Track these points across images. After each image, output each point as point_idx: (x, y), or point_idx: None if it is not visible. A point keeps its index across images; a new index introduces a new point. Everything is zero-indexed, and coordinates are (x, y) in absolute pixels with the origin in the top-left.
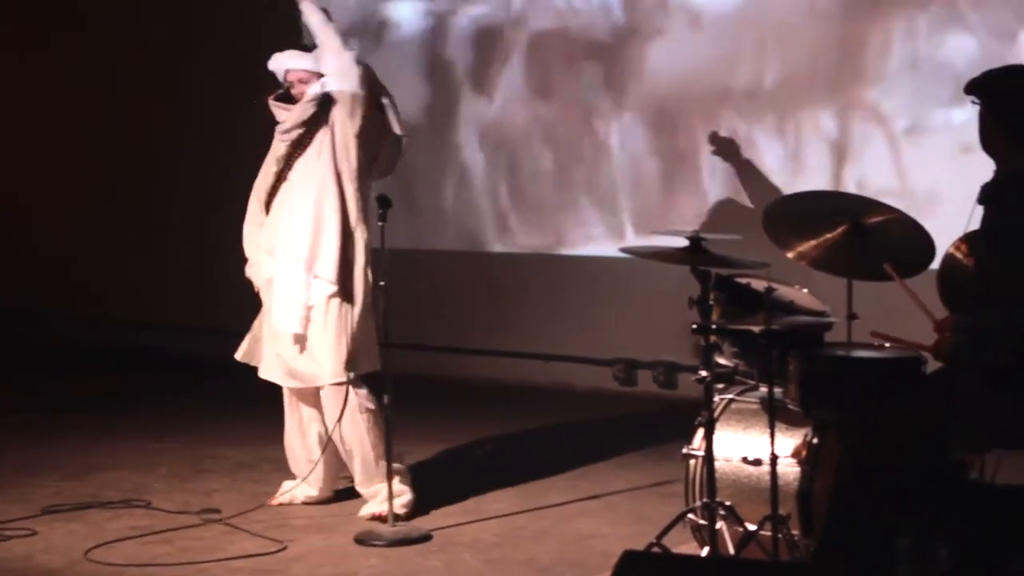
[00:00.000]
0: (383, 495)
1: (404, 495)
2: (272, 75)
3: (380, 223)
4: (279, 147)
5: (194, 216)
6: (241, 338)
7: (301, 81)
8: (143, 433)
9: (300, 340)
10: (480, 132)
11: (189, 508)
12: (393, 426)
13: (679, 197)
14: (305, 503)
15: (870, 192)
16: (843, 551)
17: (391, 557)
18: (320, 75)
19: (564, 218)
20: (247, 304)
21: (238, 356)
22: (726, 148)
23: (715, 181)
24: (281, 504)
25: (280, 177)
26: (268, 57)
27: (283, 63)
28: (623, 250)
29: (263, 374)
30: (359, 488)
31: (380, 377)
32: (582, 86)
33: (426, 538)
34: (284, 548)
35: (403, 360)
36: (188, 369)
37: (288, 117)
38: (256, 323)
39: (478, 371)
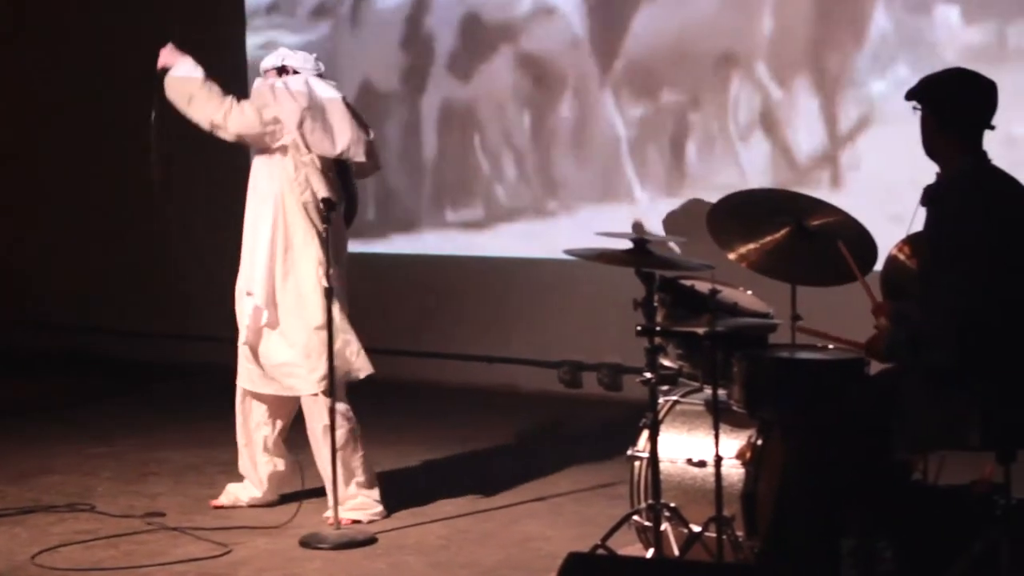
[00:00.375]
0: (354, 502)
1: (376, 507)
2: None
3: (324, 225)
4: None
5: (140, 219)
6: (187, 341)
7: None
8: (87, 437)
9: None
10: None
11: (134, 512)
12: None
13: (625, 198)
14: (250, 505)
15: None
16: (787, 552)
17: (336, 560)
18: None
19: (510, 220)
20: (193, 308)
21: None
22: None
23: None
24: (224, 506)
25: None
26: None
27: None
28: (568, 252)
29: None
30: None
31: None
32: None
33: (371, 541)
34: (229, 551)
35: None
36: (132, 372)
37: None
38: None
39: (423, 373)
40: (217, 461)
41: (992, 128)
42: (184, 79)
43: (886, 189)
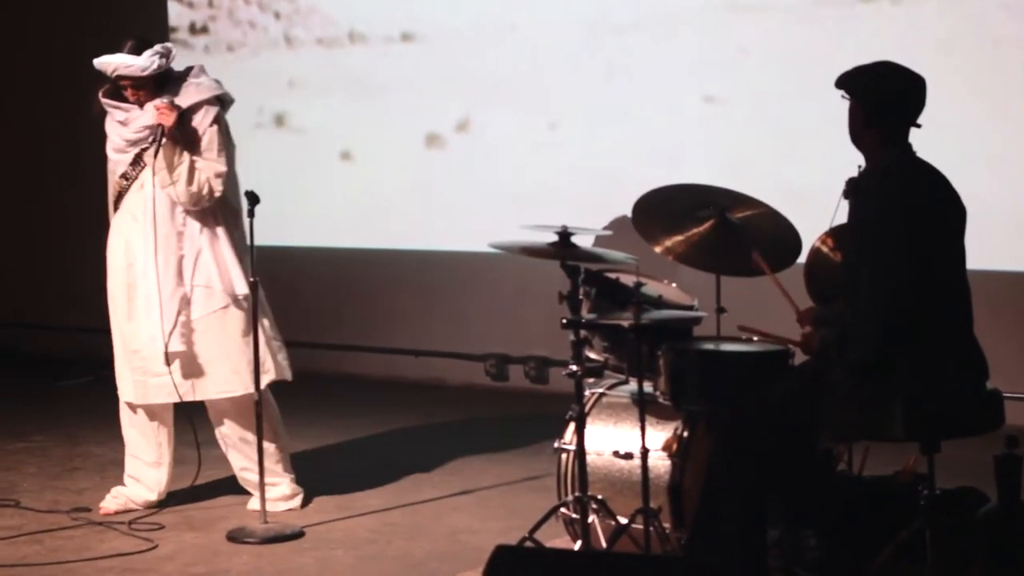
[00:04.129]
0: (277, 493)
1: (299, 495)
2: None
3: (248, 218)
4: (127, 152)
5: (56, 212)
6: (102, 334)
7: (134, 86)
8: (9, 432)
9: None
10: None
11: (59, 507)
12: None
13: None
14: (145, 506)
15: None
16: (714, 543)
17: (263, 554)
18: (155, 76)
19: (431, 212)
20: (106, 301)
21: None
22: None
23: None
24: (118, 511)
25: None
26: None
27: (113, 68)
28: (492, 245)
29: (152, 399)
30: (254, 488)
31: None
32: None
33: (299, 535)
34: (155, 547)
35: None
36: (53, 367)
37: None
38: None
39: (348, 367)
40: None
41: (918, 126)
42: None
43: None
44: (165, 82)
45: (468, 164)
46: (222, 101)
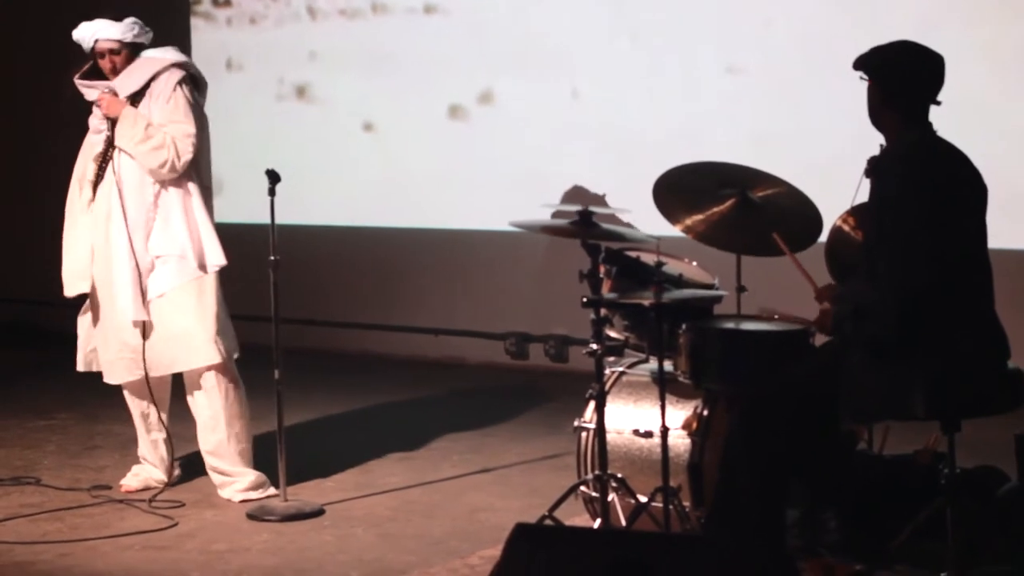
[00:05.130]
0: (239, 481)
1: (267, 486)
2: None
3: (270, 197)
4: (100, 131)
5: None
6: None
7: (112, 52)
8: (31, 410)
9: (158, 327)
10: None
11: (79, 485)
12: (284, 402)
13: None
14: (160, 484)
15: None
16: (733, 522)
17: (284, 532)
18: (131, 44)
19: (453, 191)
20: None
21: (81, 368)
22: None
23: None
24: (138, 490)
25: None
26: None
27: (93, 31)
28: (513, 224)
29: (126, 377)
30: (215, 470)
31: (270, 352)
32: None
33: (319, 513)
34: (176, 524)
35: (293, 335)
36: (73, 345)
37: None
38: (87, 331)
39: (369, 346)
40: None
41: (938, 103)
42: (133, 126)
43: None
44: (137, 56)
45: (490, 138)
46: (194, 78)
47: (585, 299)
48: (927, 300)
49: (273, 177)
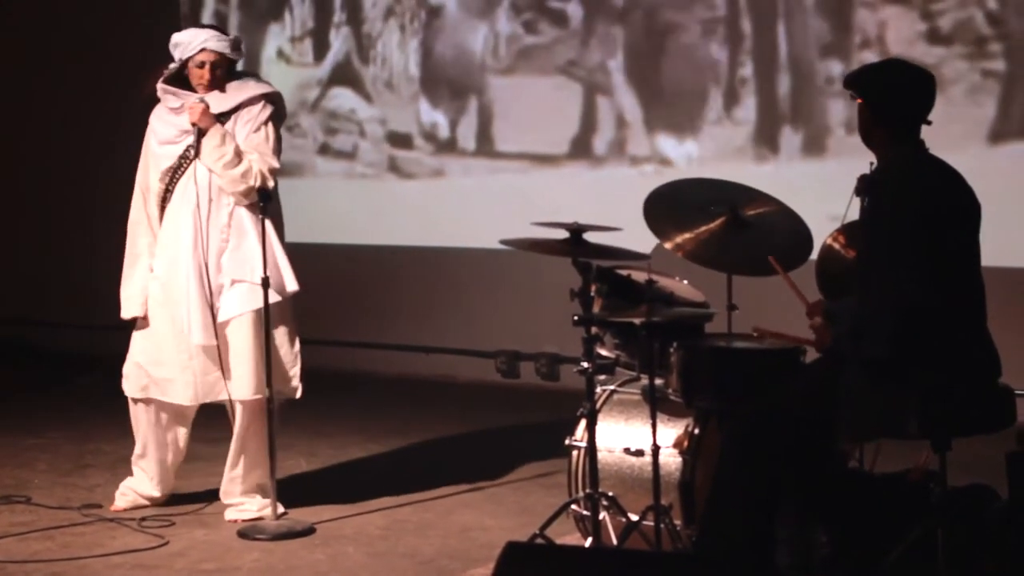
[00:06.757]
0: (247, 504)
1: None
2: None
3: (260, 217)
4: (177, 142)
5: (75, 210)
6: (112, 331)
7: (215, 64)
8: (22, 428)
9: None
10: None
11: (70, 503)
12: (277, 420)
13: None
14: (151, 503)
15: None
16: (724, 540)
17: (274, 551)
18: (232, 62)
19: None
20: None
21: (134, 393)
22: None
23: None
24: (126, 508)
25: (175, 177)
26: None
27: (202, 39)
28: (503, 242)
29: (186, 399)
30: (230, 496)
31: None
32: None
33: (309, 531)
34: (166, 543)
35: None
36: (66, 364)
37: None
38: (144, 351)
39: (360, 364)
40: None
41: (928, 123)
42: (222, 145)
43: None
44: (232, 76)
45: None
46: (280, 114)
47: (576, 317)
48: (920, 318)
49: (264, 197)
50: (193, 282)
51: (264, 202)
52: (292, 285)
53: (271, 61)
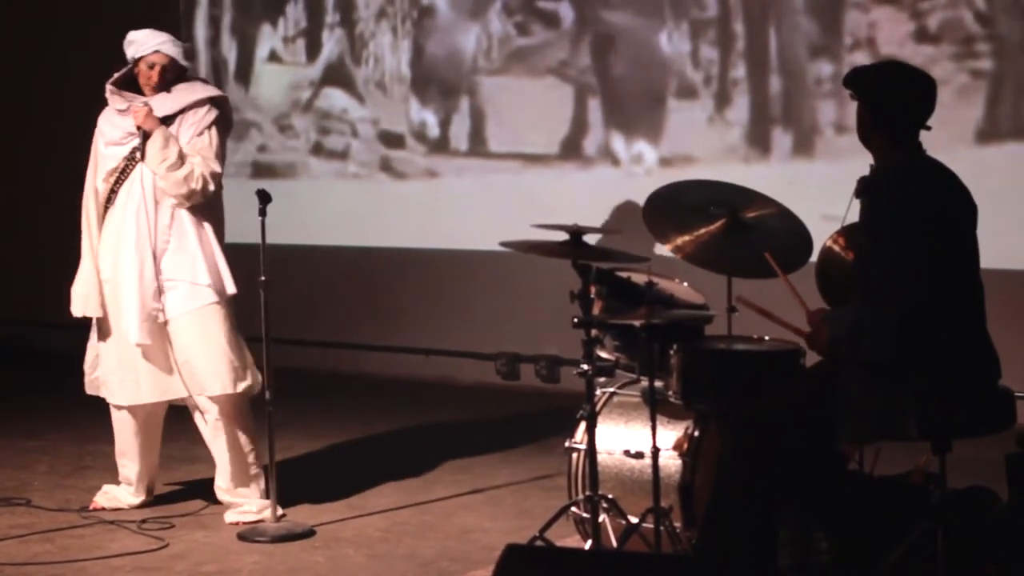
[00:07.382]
0: (247, 506)
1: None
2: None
3: (260, 217)
4: (123, 143)
5: (75, 211)
6: None
7: (164, 68)
8: (20, 430)
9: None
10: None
11: (70, 506)
12: (275, 422)
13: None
14: (131, 507)
15: None
16: (724, 542)
17: (274, 553)
18: (180, 67)
19: (443, 211)
20: None
21: (89, 391)
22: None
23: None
24: (105, 508)
25: (122, 177)
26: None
27: (159, 41)
28: (503, 244)
29: (133, 399)
30: (223, 494)
31: (261, 373)
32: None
33: (309, 534)
34: (166, 546)
35: (284, 356)
36: (65, 365)
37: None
38: (95, 353)
39: (360, 366)
40: None
41: (928, 128)
42: (166, 148)
43: None
44: (178, 80)
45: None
46: (226, 119)
47: (576, 319)
48: (920, 319)
49: (263, 197)
50: (133, 282)
51: (262, 203)
52: (231, 288)
53: (264, 61)
